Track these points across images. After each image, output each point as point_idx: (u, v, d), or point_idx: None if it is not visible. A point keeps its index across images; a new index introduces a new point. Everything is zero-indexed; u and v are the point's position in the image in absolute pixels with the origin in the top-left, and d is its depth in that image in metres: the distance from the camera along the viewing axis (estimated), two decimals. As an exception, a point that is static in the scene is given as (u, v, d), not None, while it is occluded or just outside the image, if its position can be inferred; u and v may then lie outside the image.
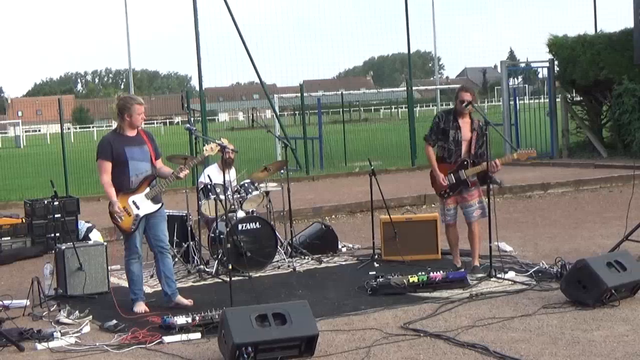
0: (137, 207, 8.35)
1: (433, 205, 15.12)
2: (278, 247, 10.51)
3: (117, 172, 8.35)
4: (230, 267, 8.23)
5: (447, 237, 9.78)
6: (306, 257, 10.79)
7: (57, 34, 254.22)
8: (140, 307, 8.42)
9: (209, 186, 10.32)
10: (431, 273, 8.74)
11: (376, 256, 10.48)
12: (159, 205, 8.50)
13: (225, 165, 10.27)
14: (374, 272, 9.55)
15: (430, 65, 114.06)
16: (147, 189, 8.40)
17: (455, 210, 9.57)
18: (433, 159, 9.54)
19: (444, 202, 9.60)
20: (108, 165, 8.33)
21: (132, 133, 8.45)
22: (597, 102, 22.31)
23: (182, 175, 8.47)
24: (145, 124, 8.56)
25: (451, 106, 9.75)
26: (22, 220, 12.69)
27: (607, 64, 20.71)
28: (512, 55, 77.61)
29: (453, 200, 9.53)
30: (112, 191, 8.31)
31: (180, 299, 8.54)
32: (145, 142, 8.47)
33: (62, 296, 9.19)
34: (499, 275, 9.00)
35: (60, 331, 7.54)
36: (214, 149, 8.81)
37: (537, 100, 25.11)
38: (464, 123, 9.43)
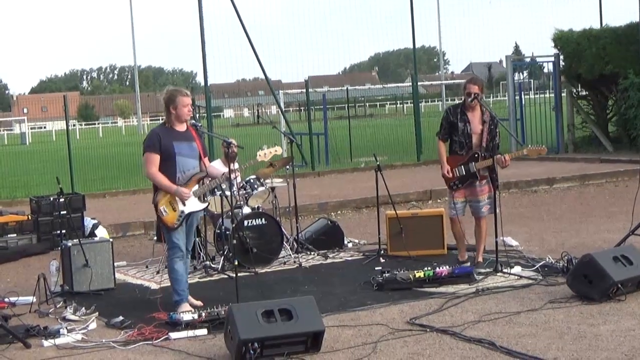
0: (184, 204, 8.11)
1: (439, 201, 15.12)
2: (284, 242, 10.51)
3: (163, 167, 8.06)
4: (236, 263, 8.22)
5: (452, 231, 9.77)
6: (312, 253, 10.79)
7: (62, 31, 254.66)
8: (185, 309, 8.05)
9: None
10: (437, 268, 8.73)
11: (382, 251, 10.47)
12: (206, 204, 8.31)
13: (229, 160, 10.25)
14: (380, 268, 9.53)
15: (435, 60, 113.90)
16: (196, 186, 8.17)
17: (464, 204, 9.55)
18: (442, 153, 9.58)
19: (452, 195, 9.57)
20: (156, 158, 8.03)
21: (181, 128, 8.17)
22: (603, 97, 22.26)
23: (233, 177, 8.26)
24: (150, 120, 8.48)
25: (458, 100, 9.76)
26: (28, 217, 12.71)
27: (613, 58, 20.67)
28: (517, 50, 77.34)
29: (462, 193, 9.51)
30: (165, 180, 8.01)
31: (190, 299, 8.44)
32: (194, 138, 8.22)
33: (68, 293, 9.20)
34: (505, 270, 8.99)
35: (66, 328, 7.55)
36: (267, 155, 8.68)
37: (542, 95, 25.08)
38: (474, 116, 9.43)
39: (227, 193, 9.73)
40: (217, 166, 10.67)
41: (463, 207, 9.57)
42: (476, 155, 9.39)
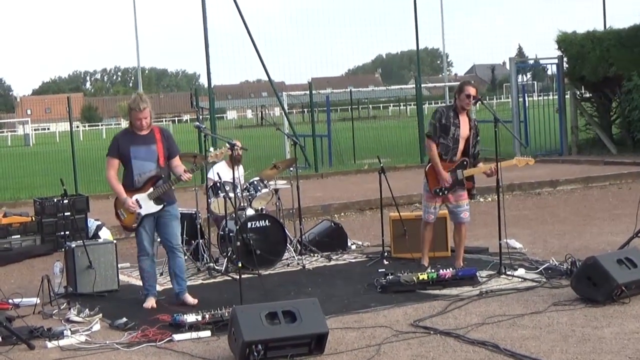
0: (140, 206, 8.44)
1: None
2: (287, 244, 10.51)
3: (123, 171, 8.52)
4: (239, 265, 8.22)
5: (422, 235, 9.71)
6: (315, 255, 10.79)
7: (66, 32, 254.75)
8: (149, 303, 8.51)
9: (218, 184, 10.33)
10: (441, 270, 8.73)
11: (386, 254, 10.47)
12: (161, 205, 8.50)
13: (233, 162, 10.27)
14: (384, 270, 9.53)
15: (438, 62, 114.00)
16: (151, 189, 8.44)
17: (438, 209, 9.57)
18: (437, 157, 9.36)
19: (434, 200, 9.48)
20: (114, 162, 8.48)
21: (143, 132, 8.46)
22: (607, 99, 22.25)
23: (183, 178, 8.46)
24: (154, 121, 8.55)
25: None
26: (32, 219, 12.71)
27: (617, 60, 20.67)
28: (520, 52, 77.34)
29: (442, 199, 9.46)
30: (118, 185, 8.48)
31: (187, 297, 8.55)
32: (155, 141, 8.46)
33: (72, 294, 9.20)
34: (508, 273, 8.98)
35: (70, 329, 7.55)
36: (219, 156, 8.88)
37: (546, 97, 25.06)
38: (463, 121, 9.37)
39: (231, 195, 9.76)
40: (222, 168, 10.70)
41: (437, 212, 9.59)
42: (465, 163, 9.36)
